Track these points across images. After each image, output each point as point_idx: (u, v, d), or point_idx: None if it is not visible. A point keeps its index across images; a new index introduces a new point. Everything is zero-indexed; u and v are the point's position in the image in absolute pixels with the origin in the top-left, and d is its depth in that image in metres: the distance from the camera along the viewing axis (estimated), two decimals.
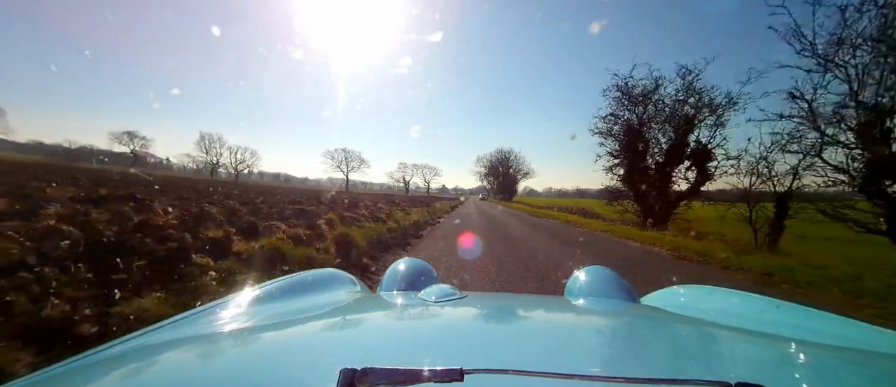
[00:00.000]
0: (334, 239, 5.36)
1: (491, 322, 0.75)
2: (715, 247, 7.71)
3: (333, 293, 1.02)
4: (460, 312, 0.76)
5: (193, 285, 2.87)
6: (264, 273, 3.36)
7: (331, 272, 1.18)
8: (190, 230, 4.48)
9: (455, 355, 0.53)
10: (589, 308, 0.96)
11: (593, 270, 1.22)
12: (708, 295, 1.08)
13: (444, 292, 0.82)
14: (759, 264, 5.82)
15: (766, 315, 0.88)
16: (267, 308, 0.82)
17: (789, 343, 0.61)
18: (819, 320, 0.80)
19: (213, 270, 3.28)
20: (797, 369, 0.51)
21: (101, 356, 0.57)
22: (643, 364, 0.52)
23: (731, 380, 0.35)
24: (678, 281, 2.63)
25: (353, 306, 0.91)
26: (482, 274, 4.41)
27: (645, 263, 6.09)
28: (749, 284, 4.80)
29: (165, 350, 0.59)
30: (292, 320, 0.76)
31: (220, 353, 0.58)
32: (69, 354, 0.58)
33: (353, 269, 4.11)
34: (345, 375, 0.35)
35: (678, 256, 6.95)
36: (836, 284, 4.68)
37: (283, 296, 0.91)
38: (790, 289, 4.60)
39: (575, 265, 2.09)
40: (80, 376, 0.51)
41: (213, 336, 0.65)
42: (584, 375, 0.40)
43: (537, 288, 3.90)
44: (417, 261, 1.37)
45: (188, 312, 0.78)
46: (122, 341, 0.63)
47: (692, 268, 5.88)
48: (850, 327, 0.75)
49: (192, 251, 3.64)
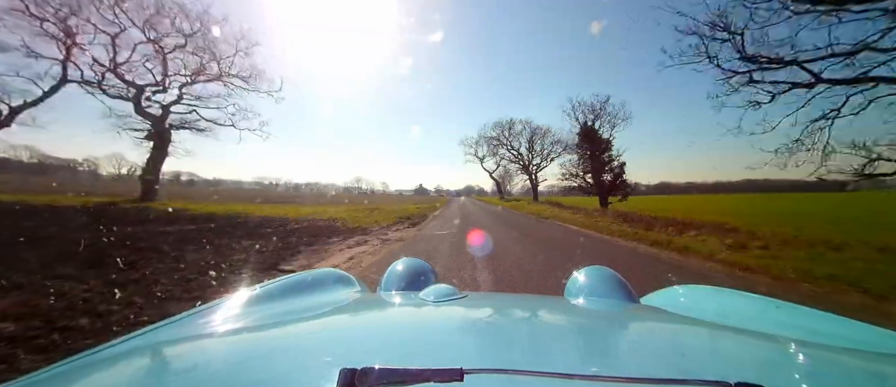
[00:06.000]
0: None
1: (491, 322, 0.74)
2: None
3: (333, 293, 1.02)
4: (460, 312, 0.76)
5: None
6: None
7: (331, 272, 1.18)
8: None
9: (455, 355, 0.53)
10: (589, 308, 0.96)
11: (593, 271, 1.22)
12: (708, 295, 1.08)
13: (443, 292, 0.82)
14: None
15: (766, 315, 0.88)
16: (267, 308, 0.82)
17: (789, 343, 0.61)
18: (819, 320, 0.80)
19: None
20: (797, 369, 0.51)
21: (101, 356, 0.57)
22: (643, 364, 0.52)
23: (731, 380, 0.35)
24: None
25: (353, 306, 0.91)
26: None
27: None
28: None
29: (165, 350, 0.59)
30: (292, 320, 0.76)
31: (221, 352, 0.58)
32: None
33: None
34: (345, 375, 0.35)
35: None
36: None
37: (283, 296, 0.91)
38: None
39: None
40: (81, 375, 0.51)
41: (213, 336, 0.65)
42: (584, 375, 0.40)
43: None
44: (417, 261, 1.37)
45: (188, 312, 0.78)
46: (122, 340, 0.63)
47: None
48: (850, 327, 0.75)
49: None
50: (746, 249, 6.17)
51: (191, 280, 3.68)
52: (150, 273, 3.83)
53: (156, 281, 3.57)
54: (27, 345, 2.13)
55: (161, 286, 3.41)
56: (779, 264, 4.89)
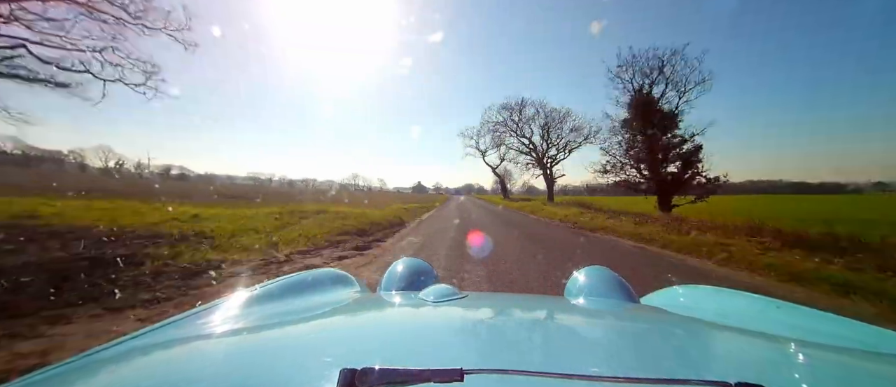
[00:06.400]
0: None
1: (491, 322, 0.74)
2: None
3: (333, 293, 1.02)
4: (460, 312, 0.76)
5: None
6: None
7: (331, 272, 1.18)
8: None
9: (455, 355, 0.53)
10: (589, 308, 0.96)
11: (593, 271, 1.22)
12: (708, 295, 1.08)
13: (443, 293, 0.82)
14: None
15: (766, 315, 0.88)
16: (267, 308, 0.82)
17: (789, 343, 0.61)
18: (819, 320, 0.80)
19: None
20: (797, 369, 0.51)
21: (101, 356, 0.57)
22: (643, 364, 0.52)
23: (731, 380, 0.35)
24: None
25: (353, 306, 0.91)
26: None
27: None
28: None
29: (166, 350, 0.59)
30: (292, 320, 0.76)
31: (221, 353, 0.58)
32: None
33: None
34: (345, 375, 0.35)
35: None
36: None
37: (283, 296, 0.91)
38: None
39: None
40: (80, 376, 0.51)
41: (213, 336, 0.65)
42: (584, 375, 0.40)
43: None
44: (417, 261, 1.37)
45: (188, 312, 0.78)
46: (122, 340, 0.63)
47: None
48: (850, 327, 0.75)
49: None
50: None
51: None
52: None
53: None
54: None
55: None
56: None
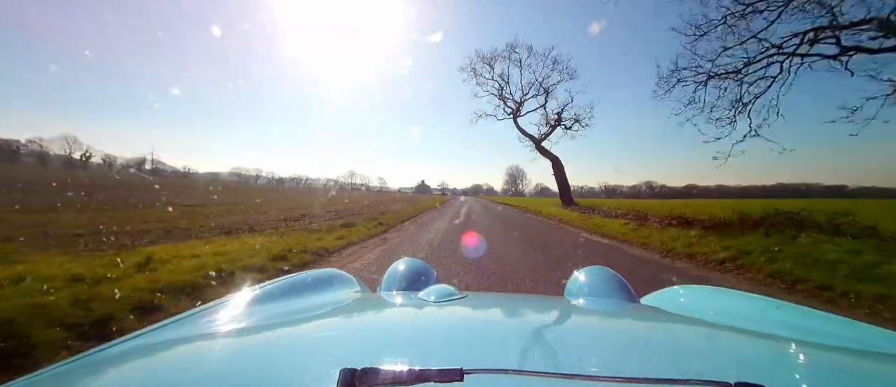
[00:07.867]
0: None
1: (491, 322, 0.74)
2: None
3: (333, 293, 1.02)
4: (460, 312, 0.76)
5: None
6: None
7: (331, 272, 1.18)
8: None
9: (455, 355, 0.53)
10: (589, 308, 0.96)
11: (593, 271, 1.22)
12: (708, 295, 1.08)
13: (444, 293, 0.82)
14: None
15: (766, 315, 0.87)
16: (267, 308, 0.82)
17: (789, 343, 0.61)
18: (819, 320, 0.80)
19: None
20: (797, 369, 0.51)
21: (101, 356, 0.57)
22: (643, 364, 0.52)
23: (731, 380, 0.35)
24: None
25: (353, 306, 0.91)
26: None
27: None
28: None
29: (165, 350, 0.59)
30: (292, 320, 0.76)
31: (221, 353, 0.58)
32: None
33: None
34: (345, 375, 0.35)
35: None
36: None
37: (283, 296, 0.91)
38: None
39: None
40: (80, 375, 0.51)
41: (213, 336, 0.65)
42: (584, 375, 0.40)
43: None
44: (417, 261, 1.37)
45: (188, 312, 0.78)
46: (122, 341, 0.63)
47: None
48: (850, 327, 0.75)
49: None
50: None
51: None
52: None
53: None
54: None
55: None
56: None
